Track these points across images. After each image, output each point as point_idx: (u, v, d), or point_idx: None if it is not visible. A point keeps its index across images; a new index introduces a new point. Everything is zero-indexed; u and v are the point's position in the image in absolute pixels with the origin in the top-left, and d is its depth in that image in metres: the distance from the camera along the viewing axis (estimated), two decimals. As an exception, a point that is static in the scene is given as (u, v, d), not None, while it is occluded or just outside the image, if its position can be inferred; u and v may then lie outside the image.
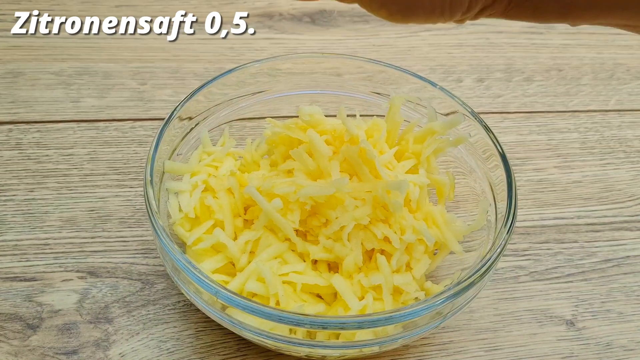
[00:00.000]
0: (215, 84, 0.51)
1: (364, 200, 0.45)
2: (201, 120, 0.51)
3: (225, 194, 0.46)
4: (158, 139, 0.45)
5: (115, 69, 0.66)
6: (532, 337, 0.50)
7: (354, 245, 0.45)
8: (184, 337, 0.47)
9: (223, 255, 0.45)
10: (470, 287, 0.41)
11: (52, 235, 0.52)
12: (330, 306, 0.45)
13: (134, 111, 0.62)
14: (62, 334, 0.46)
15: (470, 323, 0.50)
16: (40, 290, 0.49)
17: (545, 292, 0.53)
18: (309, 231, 0.46)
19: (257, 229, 0.45)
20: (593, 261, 0.55)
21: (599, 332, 0.51)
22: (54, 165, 0.57)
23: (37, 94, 0.62)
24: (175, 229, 0.46)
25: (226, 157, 0.51)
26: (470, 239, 0.50)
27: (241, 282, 0.43)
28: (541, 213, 0.58)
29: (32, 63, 0.65)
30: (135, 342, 0.47)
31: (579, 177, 0.61)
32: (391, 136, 0.52)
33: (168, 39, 0.49)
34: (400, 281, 0.45)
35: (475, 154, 0.51)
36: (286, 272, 0.44)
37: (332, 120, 0.51)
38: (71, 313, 0.48)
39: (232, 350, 0.47)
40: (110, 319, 0.48)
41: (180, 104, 0.48)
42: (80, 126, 0.60)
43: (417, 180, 0.49)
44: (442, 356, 0.48)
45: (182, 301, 0.49)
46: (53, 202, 0.54)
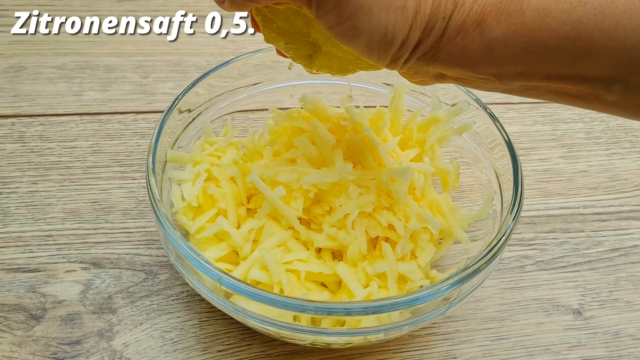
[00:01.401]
0: (213, 75, 0.50)
1: (367, 188, 0.45)
2: (203, 111, 0.51)
3: (228, 183, 0.46)
4: (160, 128, 0.45)
5: (117, 63, 0.65)
6: (539, 326, 0.49)
7: (358, 233, 0.44)
8: (188, 327, 0.47)
9: (226, 244, 0.45)
10: (476, 273, 0.41)
11: (55, 227, 0.52)
12: (335, 294, 0.45)
13: (136, 104, 0.62)
14: (66, 325, 0.46)
15: (476, 312, 0.50)
16: (43, 281, 0.48)
17: (551, 281, 0.52)
18: (312, 219, 0.46)
19: (261, 217, 0.45)
20: (600, 250, 0.55)
21: (606, 321, 0.50)
22: (57, 158, 0.57)
23: (39, 88, 0.62)
24: (178, 217, 0.46)
25: (229, 146, 0.50)
26: (475, 228, 0.49)
27: (245, 270, 0.43)
28: (547, 203, 0.58)
29: (34, 57, 0.65)
30: (139, 332, 0.46)
31: (584, 167, 0.61)
32: (395, 125, 0.52)
33: (168, 39, 0.49)
34: (405, 269, 0.44)
35: (481, 143, 0.51)
36: (290, 260, 0.44)
37: (335, 110, 0.51)
38: (75, 304, 0.47)
39: (236, 339, 0.47)
40: (113, 310, 0.47)
41: (182, 94, 0.48)
42: (82, 119, 0.60)
43: (421, 168, 0.48)
44: (447, 345, 0.48)
45: (185, 291, 0.49)
46: (56, 194, 0.54)
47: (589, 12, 0.32)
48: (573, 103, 0.36)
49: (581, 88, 0.34)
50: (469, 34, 0.33)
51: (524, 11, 0.32)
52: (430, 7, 0.33)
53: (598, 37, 0.31)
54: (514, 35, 0.32)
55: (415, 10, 0.33)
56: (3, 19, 0.69)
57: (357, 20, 0.32)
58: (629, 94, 0.33)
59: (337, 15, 0.32)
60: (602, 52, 0.32)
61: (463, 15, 0.33)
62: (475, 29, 0.33)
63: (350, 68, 0.41)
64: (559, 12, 0.32)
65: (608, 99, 0.34)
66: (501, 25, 0.33)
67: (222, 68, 0.51)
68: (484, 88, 0.37)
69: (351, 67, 0.41)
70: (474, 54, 0.34)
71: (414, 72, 0.37)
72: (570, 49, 0.32)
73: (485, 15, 0.33)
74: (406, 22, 0.33)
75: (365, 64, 0.40)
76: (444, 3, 0.33)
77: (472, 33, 0.33)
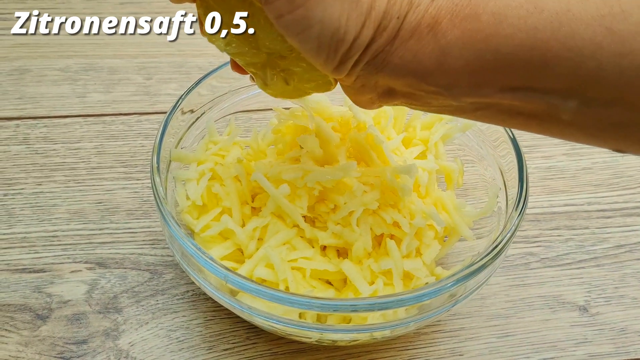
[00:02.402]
0: (215, 76, 0.50)
1: (372, 185, 0.45)
2: (206, 112, 0.51)
3: (232, 182, 0.46)
4: (164, 127, 0.45)
5: (121, 64, 0.66)
6: (545, 323, 0.49)
7: (363, 231, 0.44)
8: (193, 326, 0.47)
9: (231, 242, 0.45)
10: (482, 269, 0.41)
11: (60, 228, 0.52)
12: (340, 292, 0.45)
13: (140, 105, 0.62)
14: (72, 324, 0.46)
15: (482, 310, 0.50)
16: (49, 282, 0.49)
17: (557, 278, 0.52)
18: (317, 217, 0.46)
19: (265, 215, 0.45)
20: (605, 247, 0.55)
21: (613, 318, 0.50)
22: (62, 159, 0.57)
23: (43, 90, 0.62)
24: (183, 216, 0.46)
25: (233, 146, 0.50)
26: (479, 226, 0.49)
27: (250, 268, 0.43)
28: (551, 200, 0.58)
29: (37, 60, 0.65)
30: (145, 331, 0.46)
31: (588, 164, 0.61)
32: (398, 123, 0.52)
33: (168, 39, 0.49)
34: (410, 266, 0.44)
35: (485, 140, 0.51)
36: (295, 258, 0.44)
37: (338, 108, 0.51)
38: (80, 303, 0.47)
39: (242, 338, 0.47)
40: (119, 309, 0.47)
41: (185, 94, 0.48)
42: (86, 121, 0.60)
43: (425, 166, 0.48)
44: (453, 342, 0.48)
45: (190, 290, 0.49)
46: (61, 195, 0.54)
47: (546, 19, 0.30)
48: (526, 125, 0.34)
49: (536, 105, 0.32)
50: (422, 37, 0.32)
51: (479, 15, 0.31)
52: (385, 5, 0.32)
53: (555, 47, 0.30)
54: (468, 40, 0.31)
55: (370, 5, 0.31)
56: (5, 22, 0.69)
57: (310, 8, 0.31)
58: (585, 111, 0.32)
59: (289, 1, 0.31)
60: (558, 62, 0.30)
61: (418, 17, 0.32)
62: (429, 32, 0.32)
63: (306, 87, 0.39)
64: (515, 18, 0.30)
65: (564, 118, 0.32)
66: (456, 30, 0.31)
67: (223, 69, 0.51)
68: (434, 106, 0.35)
69: (308, 86, 0.39)
70: (427, 60, 0.32)
71: (360, 84, 0.35)
72: (526, 57, 0.31)
73: (440, 18, 0.31)
74: (360, 17, 0.31)
75: (319, 81, 0.38)
76: (399, 2, 0.32)
77: (426, 36, 0.32)
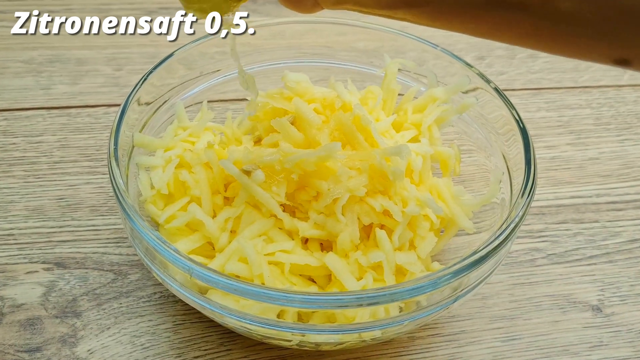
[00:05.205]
0: (176, 59, 0.46)
1: (359, 169, 0.40)
2: (172, 96, 0.46)
3: (202, 169, 0.41)
4: (124, 107, 0.40)
5: (90, 56, 0.61)
6: (555, 325, 0.44)
7: (349, 220, 0.39)
8: (160, 332, 0.42)
9: (200, 235, 0.39)
10: (485, 260, 0.36)
11: (16, 225, 0.47)
12: (324, 290, 0.39)
13: (108, 97, 0.57)
14: (25, 330, 0.41)
15: (483, 311, 0.45)
16: (2, 284, 0.43)
17: (566, 275, 0.47)
18: (297, 207, 0.41)
19: (238, 205, 0.40)
20: (618, 242, 0.50)
21: (630, 318, 0.45)
22: (21, 154, 0.52)
23: (4, 82, 0.58)
24: (147, 207, 0.41)
25: (204, 132, 0.45)
26: (479, 219, 0.44)
27: (221, 263, 0.38)
28: (556, 192, 0.53)
29: (0, 52, 0.61)
30: (106, 337, 0.41)
31: (595, 154, 0.56)
32: (388, 105, 0.47)
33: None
34: (403, 260, 0.39)
35: (486, 124, 0.46)
36: (272, 251, 0.38)
37: (321, 89, 0.46)
38: (35, 307, 0.42)
39: (215, 344, 0.41)
40: (78, 313, 0.42)
41: (147, 74, 0.43)
42: (50, 113, 0.55)
43: (419, 149, 0.43)
44: (452, 347, 0.43)
45: (158, 292, 0.44)
46: (19, 190, 0.49)
47: None
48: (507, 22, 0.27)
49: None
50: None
51: None
52: None
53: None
54: None
55: None
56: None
57: None
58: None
59: None
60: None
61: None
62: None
63: None
64: None
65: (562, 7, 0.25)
66: None
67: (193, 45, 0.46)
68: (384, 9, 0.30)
69: None
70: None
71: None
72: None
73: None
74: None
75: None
76: None
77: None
